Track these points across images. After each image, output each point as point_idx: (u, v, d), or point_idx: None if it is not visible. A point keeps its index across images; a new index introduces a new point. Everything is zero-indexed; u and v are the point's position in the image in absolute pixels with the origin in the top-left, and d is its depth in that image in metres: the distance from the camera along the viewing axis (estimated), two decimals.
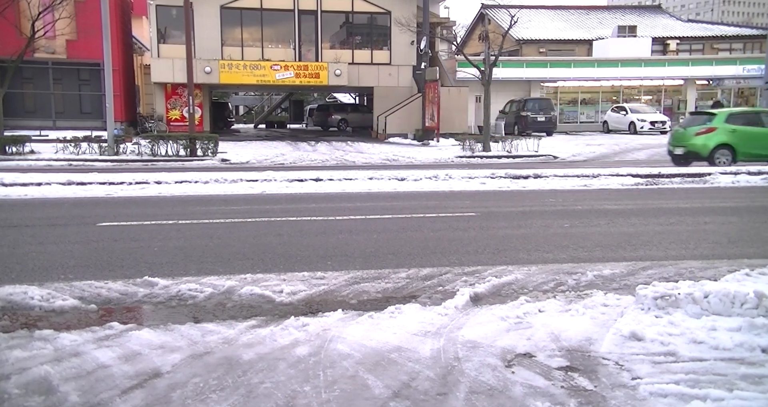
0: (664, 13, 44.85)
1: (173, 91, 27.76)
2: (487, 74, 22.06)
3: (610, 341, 3.70)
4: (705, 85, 34.94)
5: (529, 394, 3.03)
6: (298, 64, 27.85)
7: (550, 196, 10.70)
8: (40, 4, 20.09)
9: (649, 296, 4.17)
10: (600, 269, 5.56)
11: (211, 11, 27.56)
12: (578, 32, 38.92)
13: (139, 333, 3.84)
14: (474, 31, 41.81)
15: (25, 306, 4.48)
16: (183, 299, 4.74)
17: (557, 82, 33.49)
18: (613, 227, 7.70)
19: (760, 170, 13.39)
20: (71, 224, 7.94)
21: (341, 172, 13.65)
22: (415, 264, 5.76)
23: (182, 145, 18.96)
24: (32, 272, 5.45)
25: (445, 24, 32.53)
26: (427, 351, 3.56)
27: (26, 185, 11.30)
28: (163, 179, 12.03)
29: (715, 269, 5.57)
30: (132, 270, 5.46)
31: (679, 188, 12.16)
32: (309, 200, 10.24)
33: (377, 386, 3.11)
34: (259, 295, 4.79)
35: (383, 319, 4.09)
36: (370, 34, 30.24)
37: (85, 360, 3.42)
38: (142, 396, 3.00)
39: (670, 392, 3.00)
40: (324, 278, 5.29)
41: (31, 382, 3.13)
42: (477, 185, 11.95)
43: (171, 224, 8.00)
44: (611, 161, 18.79)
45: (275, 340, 3.74)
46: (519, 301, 4.45)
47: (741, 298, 3.99)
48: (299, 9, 28.63)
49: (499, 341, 3.72)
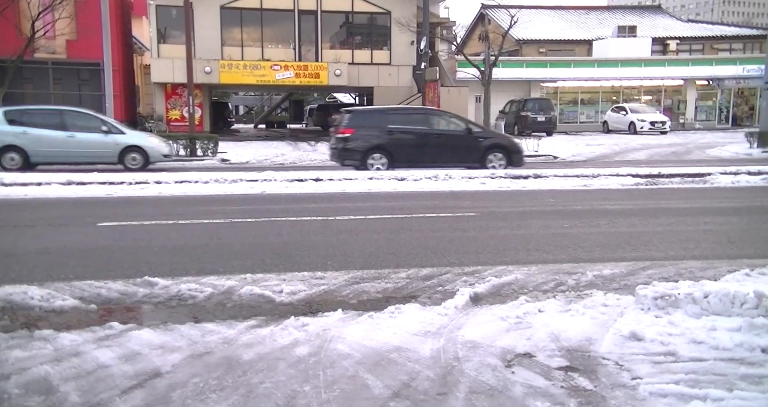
0: (664, 13, 44.86)
1: (173, 91, 27.76)
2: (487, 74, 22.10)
3: (609, 341, 3.70)
4: (705, 86, 34.94)
5: (529, 394, 3.03)
6: (298, 64, 27.84)
7: (550, 196, 10.70)
8: (40, 4, 20.11)
9: (649, 296, 4.17)
10: (600, 269, 5.56)
11: (211, 11, 27.55)
12: (578, 32, 38.93)
13: (139, 332, 3.84)
14: (474, 31, 41.81)
15: (24, 305, 4.48)
16: (183, 299, 4.74)
17: (557, 82, 33.49)
18: (613, 227, 7.69)
19: (760, 170, 13.39)
20: (71, 224, 7.94)
21: (341, 172, 13.65)
22: (414, 264, 5.76)
23: (182, 145, 18.97)
24: (32, 271, 5.45)
25: (445, 24, 32.53)
26: (426, 351, 3.56)
27: (26, 184, 11.30)
28: (162, 179, 12.04)
29: (715, 269, 5.57)
30: (132, 270, 5.46)
31: (679, 188, 12.15)
32: (309, 200, 10.23)
33: (377, 386, 3.11)
34: (259, 295, 4.78)
35: (383, 319, 4.09)
36: (370, 34, 30.24)
37: (85, 359, 3.42)
38: (142, 396, 3.00)
39: (670, 392, 3.00)
40: (324, 278, 5.29)
41: (30, 382, 3.13)
42: (477, 185, 11.95)
43: (171, 224, 8.01)
44: (611, 161, 18.78)
45: (275, 340, 3.74)
46: (519, 301, 4.45)
47: (741, 298, 3.98)
48: (299, 9, 28.63)
49: (499, 341, 3.72)
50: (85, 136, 14.92)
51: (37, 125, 14.75)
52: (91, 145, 14.94)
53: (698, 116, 34.91)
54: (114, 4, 24.62)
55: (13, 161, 14.48)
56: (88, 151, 14.96)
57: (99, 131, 15.11)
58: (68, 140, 14.72)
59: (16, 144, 14.44)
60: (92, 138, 14.97)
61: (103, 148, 15.02)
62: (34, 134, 14.57)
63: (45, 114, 15.53)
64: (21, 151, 14.46)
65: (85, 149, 14.90)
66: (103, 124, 15.39)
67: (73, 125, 14.98)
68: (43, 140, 14.60)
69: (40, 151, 14.59)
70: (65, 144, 14.69)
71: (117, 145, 15.13)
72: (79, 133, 14.89)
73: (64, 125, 14.90)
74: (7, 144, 14.44)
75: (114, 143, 15.12)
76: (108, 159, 15.11)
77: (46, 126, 14.79)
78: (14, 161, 14.49)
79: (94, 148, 14.97)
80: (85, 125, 15.14)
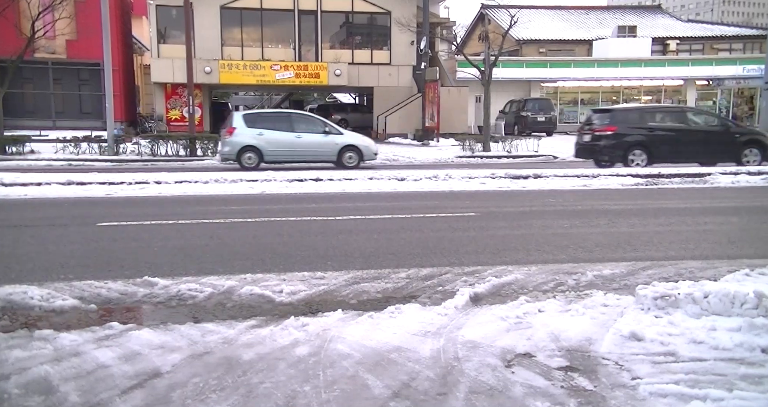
0: (664, 13, 44.88)
1: (173, 91, 27.76)
2: (487, 74, 22.09)
3: (610, 341, 3.70)
4: (705, 86, 34.95)
5: (529, 394, 3.02)
6: (298, 64, 27.86)
7: (550, 196, 10.70)
8: (40, 4, 20.10)
9: (649, 297, 4.16)
10: (600, 269, 5.55)
11: (211, 11, 27.57)
12: (578, 32, 38.94)
13: (139, 332, 3.83)
14: (474, 31, 41.82)
15: (24, 305, 4.48)
16: (183, 299, 4.73)
17: (557, 82, 33.50)
18: (613, 227, 7.69)
19: (760, 171, 13.39)
20: (71, 224, 7.94)
21: (341, 172, 13.66)
22: (414, 264, 5.76)
23: (182, 145, 18.99)
24: (32, 272, 5.45)
25: (445, 24, 32.55)
26: (426, 351, 3.56)
27: (26, 184, 11.30)
28: (162, 179, 12.03)
29: (714, 269, 5.56)
30: (132, 270, 5.46)
31: (679, 188, 12.16)
32: (309, 200, 10.24)
33: (377, 386, 3.10)
34: (259, 295, 4.78)
35: (383, 319, 4.08)
36: (370, 34, 30.25)
37: (85, 359, 3.42)
38: (141, 396, 3.00)
39: (670, 392, 3.00)
40: (324, 278, 5.29)
41: (30, 382, 3.13)
42: (477, 185, 11.96)
43: (171, 224, 8.00)
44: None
45: (275, 340, 3.74)
46: (519, 301, 4.45)
47: (741, 298, 3.98)
48: (299, 9, 28.64)
49: (499, 341, 3.71)
50: (310, 137, 16.07)
51: (269, 127, 15.93)
52: (315, 145, 16.08)
53: None
54: (114, 4, 24.63)
55: (250, 161, 15.69)
56: (312, 150, 16.14)
57: (320, 132, 16.21)
58: (296, 141, 15.90)
59: (253, 145, 15.65)
60: (315, 139, 16.10)
61: (324, 147, 16.14)
62: (269, 136, 15.76)
63: (276, 117, 17.18)
64: (257, 151, 15.67)
65: (310, 148, 16.08)
66: (324, 125, 16.52)
67: (299, 126, 16.17)
68: (276, 140, 15.81)
69: (272, 151, 15.79)
70: (293, 144, 15.90)
71: (336, 145, 16.17)
72: (305, 134, 16.04)
73: (292, 127, 16.06)
74: (246, 145, 15.63)
75: (333, 143, 16.16)
76: (328, 158, 16.26)
77: (277, 128, 15.96)
78: (251, 160, 15.69)
79: (316, 148, 16.12)
80: (308, 126, 16.31)
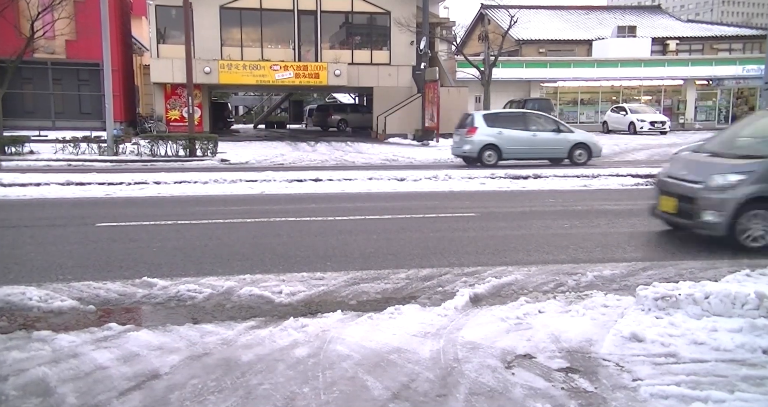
0: (664, 13, 44.87)
1: (173, 91, 27.74)
2: (487, 74, 22.10)
3: (610, 342, 3.69)
4: (705, 86, 34.95)
5: (530, 396, 3.01)
6: (297, 64, 27.82)
7: (550, 196, 10.69)
8: (40, 4, 20.06)
9: (650, 297, 4.15)
10: (600, 269, 5.54)
11: (211, 11, 27.54)
12: (578, 32, 38.92)
13: (138, 334, 3.82)
14: (474, 31, 41.80)
15: (23, 306, 4.47)
16: (182, 300, 4.72)
17: (557, 82, 33.48)
18: (613, 228, 7.68)
19: None
20: (70, 225, 7.92)
21: (341, 172, 13.65)
22: (414, 265, 5.74)
23: (182, 145, 18.94)
24: (31, 272, 5.44)
25: (445, 24, 32.52)
26: (426, 352, 3.54)
27: (25, 185, 11.29)
28: (162, 180, 12.02)
29: (715, 269, 5.55)
30: (131, 271, 5.44)
31: None
32: (308, 201, 10.22)
33: (376, 387, 3.09)
34: (258, 296, 4.77)
35: (382, 320, 4.07)
36: (369, 35, 30.23)
37: (83, 361, 3.41)
38: (140, 398, 2.98)
39: (671, 393, 2.99)
40: (323, 278, 5.28)
41: (28, 383, 3.12)
42: (477, 186, 11.95)
43: (170, 224, 7.99)
44: (611, 161, 18.75)
45: (274, 341, 3.73)
46: (519, 302, 4.44)
47: (742, 299, 3.97)
48: (299, 9, 28.61)
49: (499, 342, 3.70)
50: (544, 135, 16.56)
51: (507, 126, 16.50)
52: (548, 142, 16.57)
53: (698, 116, 34.89)
54: (113, 5, 24.61)
55: (490, 158, 16.31)
56: (546, 148, 16.61)
57: (552, 130, 16.68)
58: (531, 139, 16.43)
59: (493, 143, 16.30)
60: (549, 137, 16.58)
61: (557, 145, 16.59)
62: (507, 134, 16.32)
63: (512, 117, 17.85)
64: (496, 149, 16.32)
65: (544, 146, 16.56)
66: (556, 124, 17.07)
67: (533, 125, 16.69)
68: (514, 139, 16.33)
69: (510, 148, 16.35)
70: (529, 142, 16.40)
71: (568, 142, 16.59)
72: (539, 132, 16.54)
73: (527, 126, 16.61)
74: (487, 143, 16.29)
75: (565, 141, 16.59)
76: (559, 155, 16.66)
77: (514, 127, 16.52)
78: (491, 157, 16.31)
79: (550, 145, 16.59)
80: (541, 125, 16.80)
